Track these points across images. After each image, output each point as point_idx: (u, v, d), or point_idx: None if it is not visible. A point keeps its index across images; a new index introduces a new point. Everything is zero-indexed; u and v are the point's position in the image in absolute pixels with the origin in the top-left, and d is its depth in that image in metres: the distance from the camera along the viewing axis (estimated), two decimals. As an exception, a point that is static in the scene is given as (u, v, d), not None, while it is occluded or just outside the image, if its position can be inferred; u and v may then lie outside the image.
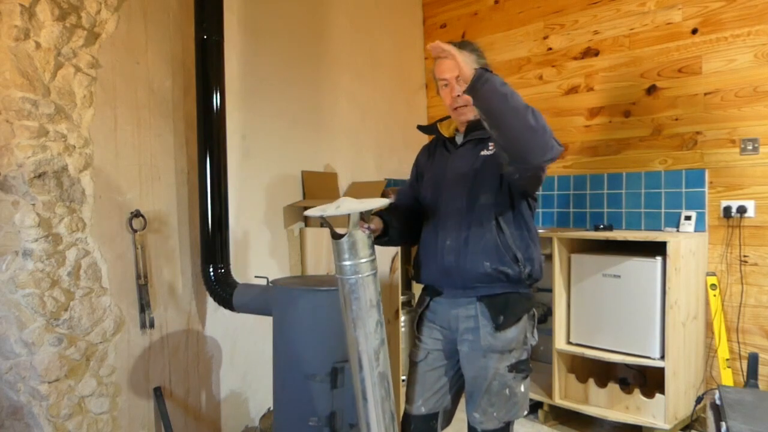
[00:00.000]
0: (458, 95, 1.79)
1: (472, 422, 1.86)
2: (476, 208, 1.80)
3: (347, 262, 1.59)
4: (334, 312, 1.89)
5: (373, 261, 1.62)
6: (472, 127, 1.86)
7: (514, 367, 1.80)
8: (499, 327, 1.77)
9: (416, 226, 1.96)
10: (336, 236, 1.61)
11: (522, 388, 1.83)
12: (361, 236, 1.59)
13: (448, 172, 1.88)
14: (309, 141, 3.22)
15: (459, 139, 1.91)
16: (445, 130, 1.97)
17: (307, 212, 1.65)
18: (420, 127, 2.07)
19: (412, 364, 1.95)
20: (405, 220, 1.93)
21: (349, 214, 1.56)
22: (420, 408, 1.90)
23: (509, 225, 1.80)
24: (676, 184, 3.06)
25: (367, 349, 1.61)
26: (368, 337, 1.60)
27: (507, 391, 1.80)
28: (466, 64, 1.59)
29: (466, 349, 1.83)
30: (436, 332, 1.91)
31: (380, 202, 1.65)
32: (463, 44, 1.82)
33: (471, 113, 1.82)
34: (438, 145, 1.99)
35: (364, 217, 1.61)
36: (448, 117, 1.97)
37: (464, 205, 1.81)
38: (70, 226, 2.17)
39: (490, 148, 1.81)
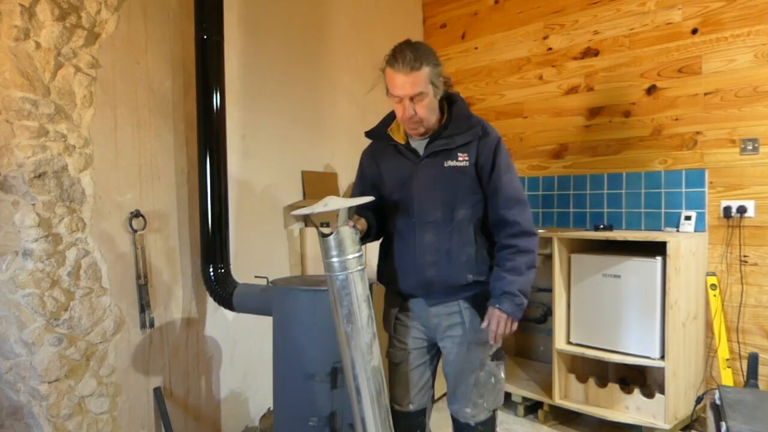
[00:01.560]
0: (411, 115, 1.74)
1: (464, 418, 1.88)
2: (455, 223, 1.80)
3: (335, 259, 1.60)
4: (334, 312, 1.89)
5: (361, 257, 1.65)
6: (434, 136, 1.81)
7: (495, 356, 1.88)
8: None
9: (383, 224, 1.96)
10: (323, 235, 1.62)
11: (502, 375, 1.92)
12: (349, 233, 1.61)
13: (416, 185, 1.83)
14: (309, 141, 3.22)
15: (417, 147, 1.86)
16: (397, 135, 1.90)
17: (295, 212, 1.67)
18: (368, 134, 1.99)
19: (393, 365, 1.98)
20: (378, 219, 1.93)
21: (337, 211, 1.58)
22: (409, 406, 1.94)
23: (486, 235, 1.84)
24: (676, 184, 3.06)
25: (360, 344, 1.63)
26: (361, 331, 1.62)
27: (492, 379, 1.87)
28: (508, 322, 1.76)
29: (450, 344, 1.86)
30: (414, 330, 1.93)
31: (365, 199, 1.67)
32: (417, 53, 1.70)
33: (423, 129, 1.79)
34: (387, 150, 1.92)
35: (350, 215, 1.62)
36: (394, 117, 1.90)
37: (441, 219, 1.80)
38: (70, 226, 2.17)
39: (460, 159, 1.79)
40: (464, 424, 1.89)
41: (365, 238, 1.85)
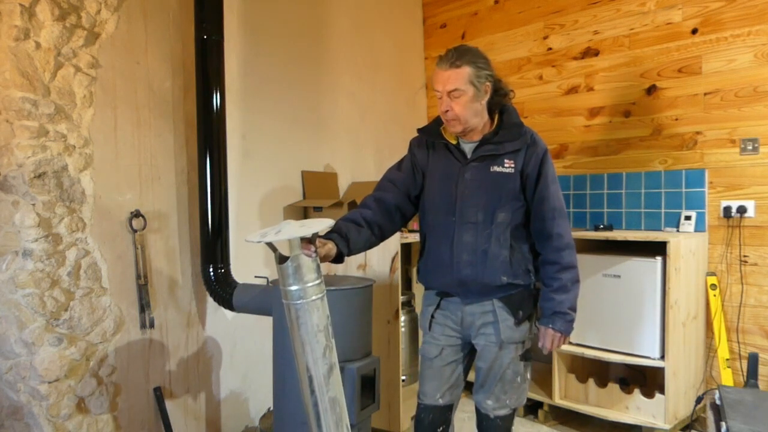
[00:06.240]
0: (447, 110, 1.82)
1: (485, 410, 1.97)
2: (494, 225, 1.85)
3: (292, 287, 1.54)
4: (334, 312, 1.88)
5: (320, 284, 1.58)
6: (484, 141, 1.88)
7: (524, 356, 1.95)
8: (519, 321, 1.89)
9: (390, 225, 1.96)
10: (281, 260, 1.55)
11: (528, 375, 2.00)
12: (306, 260, 1.54)
13: (461, 186, 1.89)
14: (309, 141, 3.22)
15: (465, 149, 1.92)
16: (448, 135, 1.96)
17: (247, 238, 1.59)
18: (420, 130, 2.04)
19: (427, 360, 2.02)
20: (374, 226, 1.90)
21: (289, 239, 1.51)
22: (438, 400, 1.99)
23: (524, 239, 1.90)
24: (676, 184, 3.06)
25: (317, 375, 1.57)
26: (317, 362, 1.56)
27: (519, 378, 1.95)
28: (561, 339, 1.89)
29: (483, 342, 1.93)
30: (448, 329, 1.98)
31: (322, 224, 1.60)
32: (461, 53, 1.80)
33: (460, 126, 1.85)
34: (438, 146, 1.98)
35: (312, 239, 1.55)
36: None
37: (481, 221, 1.86)
38: (70, 226, 2.17)
39: (506, 165, 1.85)
40: (484, 415, 1.97)
41: (336, 260, 1.80)
